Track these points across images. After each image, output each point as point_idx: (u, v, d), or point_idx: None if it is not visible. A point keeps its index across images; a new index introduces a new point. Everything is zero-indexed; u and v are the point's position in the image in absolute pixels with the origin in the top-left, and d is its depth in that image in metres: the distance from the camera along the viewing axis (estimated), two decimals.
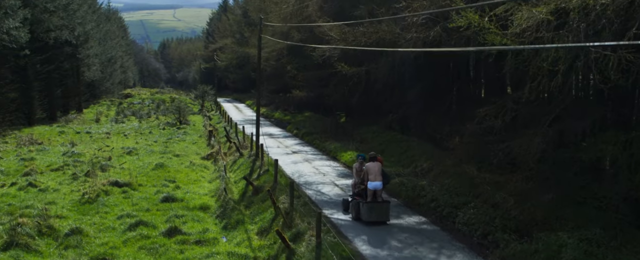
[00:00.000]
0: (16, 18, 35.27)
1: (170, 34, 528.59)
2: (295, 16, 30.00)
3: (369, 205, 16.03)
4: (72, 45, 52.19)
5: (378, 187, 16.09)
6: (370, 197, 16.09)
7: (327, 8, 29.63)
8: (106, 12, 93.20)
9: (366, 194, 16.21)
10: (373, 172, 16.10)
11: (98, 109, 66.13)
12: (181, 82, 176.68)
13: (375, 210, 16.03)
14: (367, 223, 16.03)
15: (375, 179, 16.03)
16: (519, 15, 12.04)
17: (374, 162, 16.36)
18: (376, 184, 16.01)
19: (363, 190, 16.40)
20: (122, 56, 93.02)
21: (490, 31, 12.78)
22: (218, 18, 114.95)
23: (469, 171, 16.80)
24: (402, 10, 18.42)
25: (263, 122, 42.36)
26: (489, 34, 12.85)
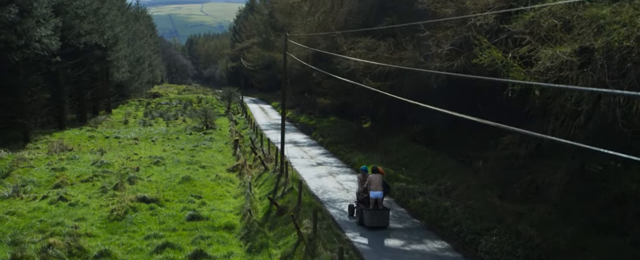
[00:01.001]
0: (48, 27, 36.03)
1: (198, 28, 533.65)
2: (321, 29, 30.09)
3: (371, 212, 17.98)
4: (102, 49, 53.09)
5: (379, 197, 17.99)
6: (372, 205, 18.00)
7: (351, 20, 29.68)
8: (135, 12, 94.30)
9: (369, 202, 18.10)
10: (374, 183, 17.97)
11: (127, 109, 67.22)
12: (208, 79, 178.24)
13: (376, 216, 18.02)
14: (370, 228, 17.94)
15: (376, 189, 17.89)
16: (543, 55, 12.04)
17: (375, 174, 18.26)
18: (377, 193, 17.89)
19: (366, 199, 18.32)
20: (150, 55, 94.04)
21: (514, 68, 12.80)
22: (245, 16, 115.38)
23: (491, 200, 16.80)
24: (425, 39, 18.47)
25: (288, 126, 42.63)
26: (512, 71, 12.87)
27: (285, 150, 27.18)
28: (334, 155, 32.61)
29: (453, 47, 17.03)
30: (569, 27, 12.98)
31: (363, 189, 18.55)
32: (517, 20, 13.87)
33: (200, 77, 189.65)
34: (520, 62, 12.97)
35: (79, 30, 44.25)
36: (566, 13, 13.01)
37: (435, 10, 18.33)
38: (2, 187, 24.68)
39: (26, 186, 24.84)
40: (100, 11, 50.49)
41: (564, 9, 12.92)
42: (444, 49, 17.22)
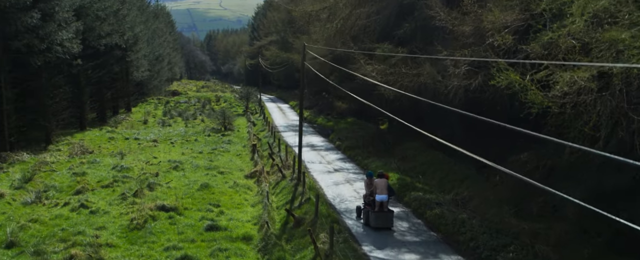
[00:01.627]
0: (69, 30, 36.51)
1: (217, 23, 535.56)
2: (340, 34, 30.13)
3: (376, 214, 19.42)
4: (122, 49, 53.67)
5: (384, 200, 19.39)
6: (377, 207, 19.43)
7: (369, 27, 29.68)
8: (154, 9, 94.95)
9: (375, 204, 19.50)
10: (380, 187, 19.37)
11: (146, 108, 67.84)
12: (226, 74, 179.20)
13: (381, 218, 19.42)
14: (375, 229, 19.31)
15: (381, 193, 19.30)
16: (561, 80, 12.03)
17: (381, 179, 19.69)
18: (382, 197, 19.31)
19: (372, 201, 19.73)
20: (169, 53, 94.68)
21: (532, 92, 12.80)
22: (263, 13, 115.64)
23: (507, 221, 16.80)
24: (443, 59, 18.45)
25: (305, 128, 42.83)
26: (530, 94, 12.87)
27: (303, 154, 27.33)
28: (351, 160, 32.69)
29: (470, 68, 17.02)
30: (587, 50, 12.95)
31: (369, 192, 19.91)
32: (535, 40, 13.84)
33: (219, 72, 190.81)
34: (538, 85, 12.96)
35: (99, 32, 44.75)
36: (585, 35, 12.96)
37: (453, 27, 18.32)
38: (25, 193, 25.18)
39: (48, 192, 25.28)
40: (121, 12, 51.01)
41: (582, 31, 12.88)
42: (462, 69, 17.21)
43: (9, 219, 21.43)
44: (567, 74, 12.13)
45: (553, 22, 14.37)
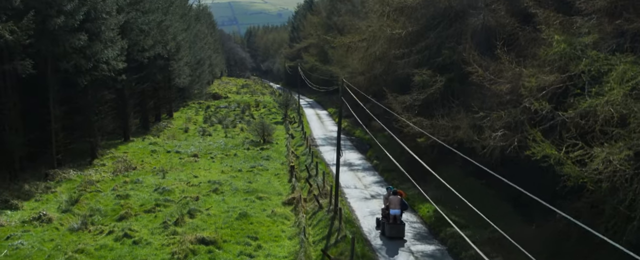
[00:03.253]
0: (115, 49, 37.53)
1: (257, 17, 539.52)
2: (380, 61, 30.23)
3: (390, 225, 22.75)
4: (164, 59, 54.76)
5: (397, 214, 22.62)
6: (392, 220, 22.70)
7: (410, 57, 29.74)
8: (196, 12, 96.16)
9: (389, 217, 22.72)
10: (394, 203, 22.60)
11: (187, 113, 69.18)
12: (266, 72, 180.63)
13: (394, 229, 22.73)
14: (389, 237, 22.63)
15: (395, 208, 22.57)
16: (596, 158, 12.03)
17: (395, 196, 22.79)
18: (395, 211, 22.58)
19: (388, 214, 22.85)
20: (210, 55, 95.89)
21: (567, 166, 12.82)
22: (303, 14, 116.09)
23: None
24: (480, 120, 18.50)
25: (343, 141, 43.16)
26: (566, 168, 12.89)
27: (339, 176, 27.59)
28: (388, 184, 32.83)
29: (506, 132, 17.04)
30: (625, 122, 12.90)
31: (386, 206, 23.04)
32: (573, 107, 13.83)
33: (259, 69, 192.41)
34: (574, 160, 12.97)
35: (143, 46, 45.76)
36: (623, 107, 12.91)
37: (490, 85, 18.34)
38: (72, 217, 26.21)
39: (93, 216, 26.21)
40: (164, 23, 51.95)
41: (621, 103, 12.83)
42: (498, 134, 17.24)
43: (57, 248, 22.37)
44: (602, 151, 12.12)
45: (592, 85, 14.31)
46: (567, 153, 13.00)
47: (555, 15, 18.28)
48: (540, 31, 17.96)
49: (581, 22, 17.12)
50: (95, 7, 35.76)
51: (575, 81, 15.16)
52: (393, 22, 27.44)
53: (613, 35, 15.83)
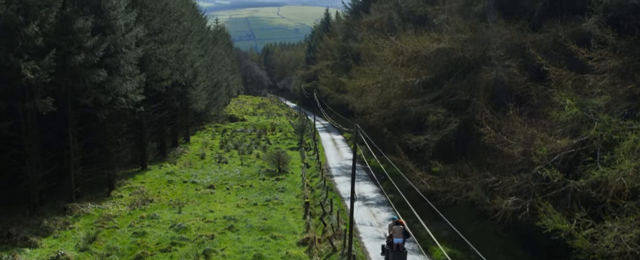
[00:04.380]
0: (133, 82, 38.09)
1: (274, 32, 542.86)
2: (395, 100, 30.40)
3: (393, 253, 24.02)
4: (182, 86, 55.42)
5: (399, 242, 23.92)
6: (395, 248, 24.00)
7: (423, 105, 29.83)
8: (214, 34, 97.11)
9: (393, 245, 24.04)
10: (397, 232, 23.84)
11: (204, 137, 69.80)
12: (282, 90, 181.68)
13: (396, 256, 23.96)
14: None
15: (397, 237, 23.83)
16: (607, 236, 12.10)
17: (398, 226, 23.98)
18: (398, 240, 23.88)
19: (391, 243, 24.11)
20: (227, 77, 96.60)
21: (579, 239, 12.89)
22: (319, 35, 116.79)
23: None
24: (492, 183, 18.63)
25: (357, 171, 43.29)
26: (577, 242, 12.96)
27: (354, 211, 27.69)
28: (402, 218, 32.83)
29: (517, 199, 17.13)
30: (637, 195, 12.96)
31: (389, 235, 24.32)
32: (585, 176, 13.91)
33: (275, 87, 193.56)
34: (585, 236, 13.03)
35: (161, 76, 46.33)
36: (635, 180, 12.97)
37: (502, 148, 18.46)
38: (90, 256, 26.62)
39: (111, 256, 26.60)
40: (182, 52, 52.53)
41: (633, 176, 12.90)
42: (510, 200, 17.34)
43: None
44: (613, 226, 12.18)
45: (604, 152, 14.37)
46: (578, 227, 13.08)
47: (567, 74, 18.42)
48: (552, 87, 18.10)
49: (593, 81, 17.24)
50: (115, 42, 36.41)
51: (587, 146, 15.24)
52: (407, 69, 27.71)
53: (625, 98, 15.93)
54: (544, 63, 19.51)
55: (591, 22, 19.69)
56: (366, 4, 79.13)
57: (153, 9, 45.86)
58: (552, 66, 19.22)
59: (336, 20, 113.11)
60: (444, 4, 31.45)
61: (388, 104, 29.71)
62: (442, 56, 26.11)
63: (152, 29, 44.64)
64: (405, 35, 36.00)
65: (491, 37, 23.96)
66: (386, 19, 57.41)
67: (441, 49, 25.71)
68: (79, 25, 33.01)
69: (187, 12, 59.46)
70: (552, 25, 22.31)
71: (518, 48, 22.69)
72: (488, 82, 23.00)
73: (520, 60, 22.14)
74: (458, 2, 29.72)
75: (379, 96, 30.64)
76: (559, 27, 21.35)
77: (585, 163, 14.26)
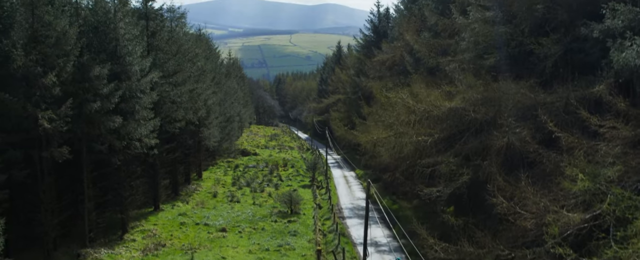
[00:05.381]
0: (148, 126, 38.53)
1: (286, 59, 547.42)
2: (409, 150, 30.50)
3: None
4: (195, 125, 55.87)
5: None
6: None
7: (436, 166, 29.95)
8: (227, 68, 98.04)
9: None
10: None
11: (216, 173, 70.10)
12: (294, 120, 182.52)
13: None
14: None
15: None
16: None
17: None
18: None
19: None
20: (240, 110, 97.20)
21: None
22: (332, 67, 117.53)
23: None
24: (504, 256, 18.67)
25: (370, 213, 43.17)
26: None
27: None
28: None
29: None
30: None
31: None
32: (598, 254, 13.90)
33: (287, 117, 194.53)
34: None
35: (175, 117, 46.80)
36: None
37: (514, 220, 18.52)
38: None
39: None
40: (196, 91, 53.03)
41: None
42: None
43: None
44: None
45: (617, 228, 14.38)
46: None
47: (579, 142, 18.53)
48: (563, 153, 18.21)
49: (605, 150, 17.33)
50: (130, 87, 36.96)
51: (599, 221, 15.26)
52: (419, 126, 27.92)
53: (638, 169, 15.99)
54: (556, 130, 19.65)
55: (602, 87, 19.86)
56: (378, 40, 79.81)
57: (168, 51, 46.52)
58: (563, 132, 19.36)
59: (348, 53, 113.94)
60: (456, 53, 31.75)
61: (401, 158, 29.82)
62: (454, 116, 26.31)
63: (167, 71, 45.25)
64: (417, 82, 36.31)
65: (503, 97, 24.17)
66: (398, 57, 57.83)
67: (453, 108, 25.94)
68: (96, 73, 33.62)
69: (201, 51, 60.21)
70: (563, 86, 22.50)
71: (529, 111, 22.86)
72: (500, 146, 23.13)
73: (532, 126, 22.27)
74: (470, 53, 30.01)
75: (392, 150, 30.84)
76: (570, 90, 21.55)
77: (598, 239, 14.26)
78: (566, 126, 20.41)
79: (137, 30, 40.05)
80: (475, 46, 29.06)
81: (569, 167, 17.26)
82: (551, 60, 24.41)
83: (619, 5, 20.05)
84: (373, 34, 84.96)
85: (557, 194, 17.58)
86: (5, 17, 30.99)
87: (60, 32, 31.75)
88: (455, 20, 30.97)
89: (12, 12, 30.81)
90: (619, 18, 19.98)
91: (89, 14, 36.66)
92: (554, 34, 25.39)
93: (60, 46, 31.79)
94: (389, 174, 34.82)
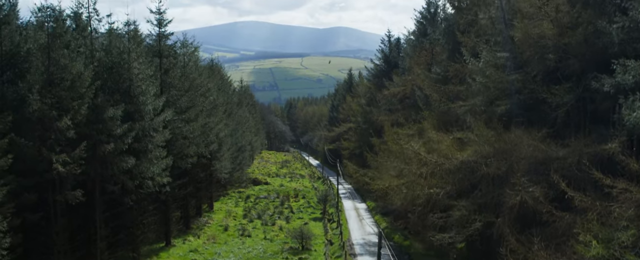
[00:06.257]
0: (160, 165, 38.73)
1: (297, 82, 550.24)
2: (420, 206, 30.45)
3: None
4: (207, 159, 56.02)
5: None
6: None
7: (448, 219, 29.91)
8: (239, 96, 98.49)
9: None
10: None
11: (227, 204, 70.17)
12: (305, 145, 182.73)
13: None
14: None
15: None
16: None
17: None
18: None
19: None
20: (251, 139, 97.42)
21: None
22: (343, 94, 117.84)
23: None
24: None
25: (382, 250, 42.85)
26: None
27: None
28: None
29: None
30: None
31: None
32: None
33: (298, 142, 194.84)
34: None
35: (187, 153, 46.96)
36: None
37: None
38: None
39: None
40: (208, 125, 53.23)
41: None
42: None
43: None
44: None
45: None
46: None
47: (592, 203, 18.47)
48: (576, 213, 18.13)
49: (619, 212, 17.25)
50: (143, 126, 37.21)
51: None
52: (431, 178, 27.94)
53: None
54: (569, 191, 19.60)
55: (615, 146, 19.83)
56: (389, 69, 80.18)
57: (180, 88, 46.89)
58: (576, 192, 19.31)
59: (359, 80, 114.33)
60: (467, 96, 31.82)
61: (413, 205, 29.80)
62: (466, 169, 26.30)
63: (179, 108, 45.56)
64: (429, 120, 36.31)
65: (515, 149, 24.16)
66: (409, 91, 58.03)
67: (465, 161, 25.95)
68: (110, 115, 33.92)
69: (213, 85, 60.65)
70: (575, 138, 22.48)
71: (542, 166, 22.83)
72: (513, 204, 23.07)
73: (545, 184, 22.22)
74: (481, 97, 30.06)
75: (403, 199, 30.84)
76: (582, 145, 21.52)
77: None
78: (579, 184, 20.36)
79: (151, 70, 40.49)
80: (487, 91, 29.13)
81: (583, 233, 17.18)
82: (563, 109, 24.43)
83: (629, 62, 20.10)
84: (384, 64, 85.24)
85: (571, 257, 17.47)
86: (22, 62, 31.54)
87: (76, 74, 32.22)
88: (466, 65, 31.11)
89: (28, 57, 31.33)
90: (630, 74, 20.02)
91: (104, 55, 37.08)
92: (566, 81, 25.43)
93: (75, 89, 32.19)
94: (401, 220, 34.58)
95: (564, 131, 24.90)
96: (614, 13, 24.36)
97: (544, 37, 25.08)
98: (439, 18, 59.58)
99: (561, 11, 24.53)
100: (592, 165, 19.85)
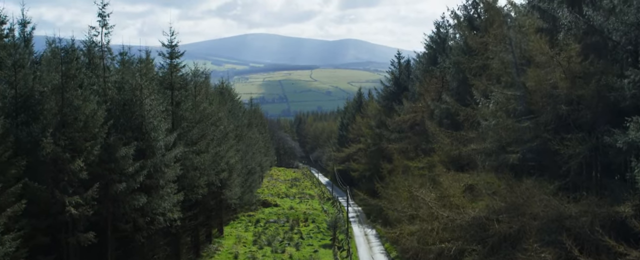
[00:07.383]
0: (171, 201, 38.83)
1: (306, 94, 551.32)
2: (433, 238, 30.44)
3: None
4: (217, 187, 56.06)
5: None
6: None
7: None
8: (249, 117, 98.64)
9: None
10: None
11: (237, 228, 70.19)
12: (315, 161, 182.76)
13: None
14: None
15: None
16: None
17: None
18: None
19: None
20: (261, 160, 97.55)
21: None
22: (353, 113, 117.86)
23: None
24: None
25: None
26: None
27: None
28: None
29: None
30: None
31: None
32: None
33: (307, 158, 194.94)
34: None
35: (198, 184, 46.99)
36: None
37: None
38: None
39: None
40: (219, 154, 53.22)
41: None
42: None
43: None
44: None
45: None
46: None
47: None
48: None
49: None
50: (155, 162, 37.33)
51: None
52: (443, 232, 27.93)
53: None
54: (582, 257, 19.50)
55: (628, 209, 19.78)
56: (398, 92, 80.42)
57: (192, 120, 47.04)
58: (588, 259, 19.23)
59: (369, 99, 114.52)
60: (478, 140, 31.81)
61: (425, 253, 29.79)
62: (477, 227, 26.27)
63: (190, 140, 45.68)
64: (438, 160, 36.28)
65: (526, 203, 24.13)
66: (419, 118, 58.10)
67: (476, 217, 25.93)
68: (122, 154, 34.09)
69: (224, 114, 60.80)
70: (588, 195, 22.42)
71: (554, 223, 22.76)
72: None
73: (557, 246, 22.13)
74: (492, 142, 30.05)
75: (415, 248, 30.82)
76: (594, 204, 21.47)
77: None
78: (592, 247, 20.28)
79: (163, 105, 40.67)
80: (497, 135, 29.13)
81: None
82: (575, 161, 24.38)
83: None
84: (394, 85, 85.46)
85: None
86: (35, 104, 31.79)
87: (89, 114, 32.45)
88: (477, 109, 31.16)
89: (42, 100, 31.57)
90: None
91: (116, 92, 37.29)
92: (578, 130, 25.41)
93: (88, 129, 32.39)
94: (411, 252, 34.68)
95: (577, 180, 24.83)
96: (627, 60, 24.39)
97: (556, 87, 25.09)
98: (448, 45, 59.72)
99: (573, 62, 24.55)
100: (606, 227, 19.81)
